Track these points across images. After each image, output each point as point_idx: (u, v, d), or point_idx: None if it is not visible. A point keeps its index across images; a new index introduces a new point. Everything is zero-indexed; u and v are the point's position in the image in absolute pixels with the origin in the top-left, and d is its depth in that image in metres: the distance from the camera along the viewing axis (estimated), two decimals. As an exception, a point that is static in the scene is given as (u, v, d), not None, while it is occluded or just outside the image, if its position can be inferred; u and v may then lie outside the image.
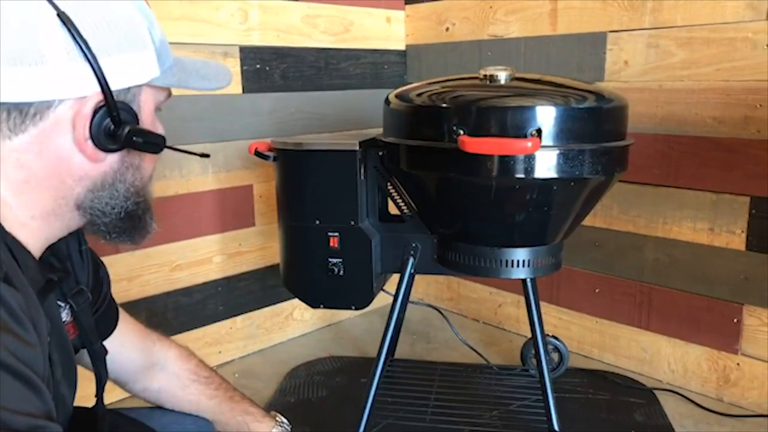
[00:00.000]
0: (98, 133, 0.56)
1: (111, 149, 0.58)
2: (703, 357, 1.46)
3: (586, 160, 0.99)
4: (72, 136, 0.56)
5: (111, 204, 0.60)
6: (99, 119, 0.56)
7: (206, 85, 0.66)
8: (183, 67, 0.64)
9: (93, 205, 0.60)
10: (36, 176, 0.56)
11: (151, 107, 0.62)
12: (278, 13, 1.63)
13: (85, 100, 0.55)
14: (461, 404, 1.37)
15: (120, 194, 0.61)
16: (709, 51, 1.34)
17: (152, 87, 0.61)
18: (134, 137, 0.59)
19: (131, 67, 0.58)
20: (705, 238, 1.41)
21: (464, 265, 1.15)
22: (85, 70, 0.54)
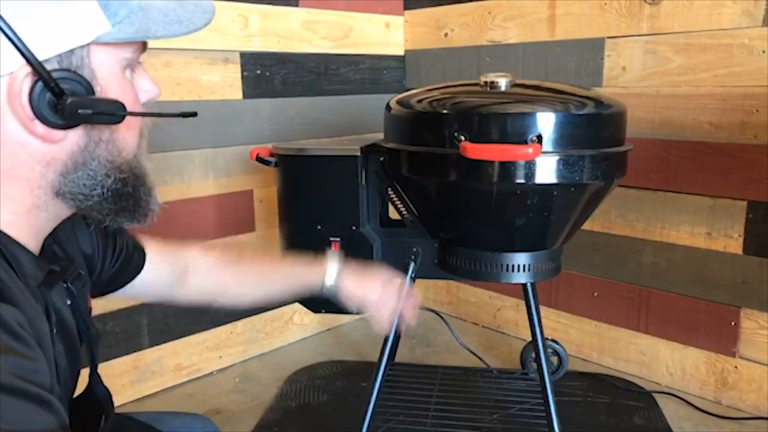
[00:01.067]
0: (42, 110, 0.50)
1: (63, 126, 0.52)
2: (701, 360, 1.47)
3: (585, 166, 1.00)
4: (16, 117, 0.50)
5: (90, 185, 0.55)
6: (38, 94, 0.50)
7: (176, 30, 0.56)
8: (148, 14, 0.54)
9: (72, 189, 0.55)
10: (0, 167, 0.51)
11: (114, 68, 0.55)
12: (278, 19, 1.64)
13: (14, 75, 0.49)
14: (462, 408, 1.38)
15: (97, 173, 0.55)
16: (706, 57, 1.36)
17: (108, 45, 0.53)
18: (79, 109, 0.51)
19: (64, 27, 0.50)
20: (703, 242, 1.42)
21: (465, 270, 1.16)
22: (2, 40, 0.47)
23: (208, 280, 0.91)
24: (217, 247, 0.96)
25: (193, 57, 1.47)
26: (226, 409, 1.46)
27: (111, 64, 0.54)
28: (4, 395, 0.40)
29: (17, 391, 0.41)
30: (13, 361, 0.43)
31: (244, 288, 0.94)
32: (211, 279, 0.91)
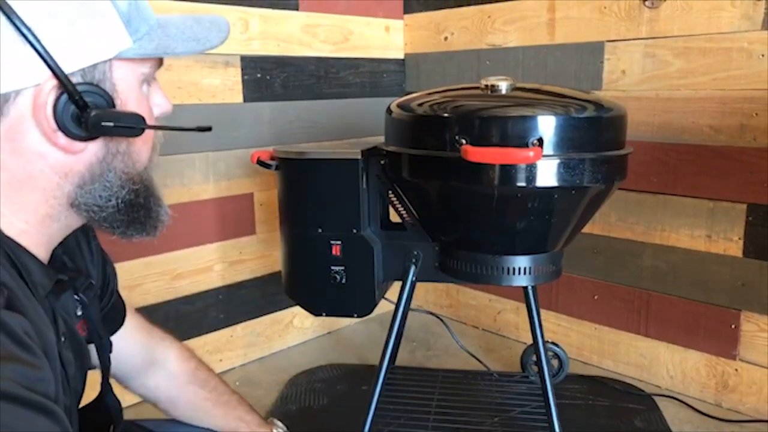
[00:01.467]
0: (65, 121, 0.51)
1: (85, 138, 0.53)
2: (701, 363, 1.47)
3: (586, 169, 1.00)
4: (39, 128, 0.51)
5: (105, 197, 0.56)
6: (63, 107, 0.51)
7: (194, 47, 0.58)
8: (166, 31, 0.56)
9: (87, 200, 0.55)
10: (17, 177, 0.52)
11: (133, 82, 0.56)
12: (278, 22, 1.64)
13: (40, 87, 0.50)
14: (463, 411, 1.38)
15: (113, 184, 0.56)
16: (706, 60, 1.36)
17: (128, 60, 0.54)
18: (102, 122, 0.52)
19: (89, 42, 0.51)
20: (702, 245, 1.43)
21: (465, 273, 1.16)
22: (30, 53, 0.48)
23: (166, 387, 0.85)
24: (194, 360, 0.89)
25: (193, 60, 1.47)
26: (226, 412, 1.46)
27: (130, 79, 0.55)
28: (7, 404, 0.40)
29: (20, 399, 0.41)
30: (17, 370, 0.43)
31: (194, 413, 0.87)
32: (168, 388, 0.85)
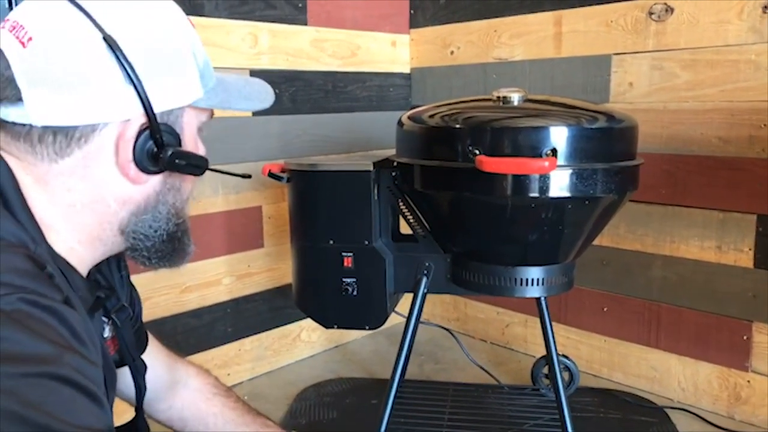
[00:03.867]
0: (141, 155, 0.57)
1: (153, 171, 0.59)
2: (713, 375, 1.47)
3: (599, 180, 1.01)
4: (115, 158, 0.56)
5: (154, 227, 0.61)
6: (142, 142, 0.56)
7: (248, 105, 0.66)
8: (226, 87, 0.64)
9: (136, 228, 0.60)
10: (81, 200, 0.57)
11: (194, 128, 0.63)
12: (287, 37, 1.65)
13: (129, 123, 0.56)
14: (475, 424, 1.36)
15: (162, 216, 0.61)
16: (713, 73, 1.37)
17: (195, 108, 0.61)
18: (177, 159, 0.58)
19: (175, 90, 0.58)
20: (713, 256, 1.42)
21: (478, 284, 1.16)
22: (129, 93, 0.55)
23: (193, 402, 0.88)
24: (212, 376, 0.94)
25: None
26: (235, 427, 1.45)
27: (193, 125, 0.62)
28: (68, 388, 0.43)
29: (79, 385, 0.44)
30: (78, 360, 0.46)
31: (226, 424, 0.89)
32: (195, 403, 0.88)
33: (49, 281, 0.50)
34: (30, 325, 0.44)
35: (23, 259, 0.50)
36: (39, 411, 0.40)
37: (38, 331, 0.45)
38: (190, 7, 1.44)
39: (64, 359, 0.44)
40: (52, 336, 0.45)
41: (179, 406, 0.87)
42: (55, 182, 0.56)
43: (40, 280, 0.49)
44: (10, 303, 0.45)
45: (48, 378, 0.42)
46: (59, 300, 0.49)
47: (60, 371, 0.43)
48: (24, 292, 0.46)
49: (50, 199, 0.56)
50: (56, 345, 0.45)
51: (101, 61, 0.53)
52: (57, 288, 0.50)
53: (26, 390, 0.41)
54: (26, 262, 0.49)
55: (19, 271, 0.48)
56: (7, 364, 0.41)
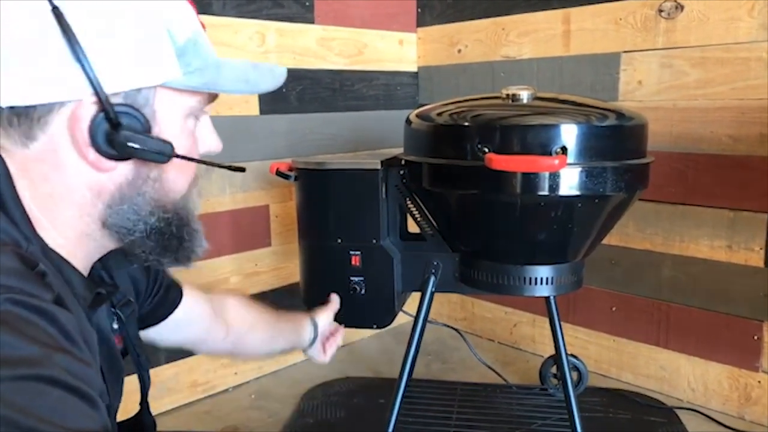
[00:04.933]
0: (98, 138, 0.53)
1: (114, 157, 0.54)
2: (723, 375, 1.45)
3: (609, 178, 1.00)
4: (71, 142, 0.53)
5: (133, 220, 0.57)
6: (98, 123, 0.52)
7: (239, 87, 0.60)
8: (221, 71, 0.58)
9: (116, 221, 0.57)
10: (58, 190, 0.55)
11: (176, 113, 0.57)
12: (294, 36, 1.65)
13: (81, 103, 0.52)
14: (483, 424, 1.36)
15: (141, 209, 0.57)
16: (723, 71, 1.36)
17: (175, 90, 0.56)
18: (130, 143, 0.53)
19: (136, 68, 0.53)
20: (723, 255, 1.41)
21: (486, 283, 1.15)
22: (78, 70, 0.51)
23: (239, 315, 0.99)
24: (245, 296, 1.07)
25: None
26: (244, 425, 1.45)
27: (173, 109, 0.57)
28: (58, 390, 0.42)
29: (70, 386, 0.43)
30: (68, 361, 0.44)
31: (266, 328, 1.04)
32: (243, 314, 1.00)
33: (39, 280, 0.49)
34: (17, 326, 0.43)
35: (11, 257, 0.48)
36: (26, 414, 0.39)
37: (25, 332, 0.43)
38: (197, 5, 1.43)
39: (53, 360, 0.43)
40: (41, 337, 0.44)
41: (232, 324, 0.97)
42: (33, 171, 0.54)
43: (29, 280, 0.48)
44: None
45: (36, 380, 0.41)
46: (49, 299, 0.47)
47: (48, 372, 0.42)
48: (11, 292, 0.45)
49: (32, 190, 0.54)
50: (44, 346, 0.44)
51: (48, 34, 0.50)
52: (47, 287, 0.49)
53: (13, 393, 0.40)
54: (14, 261, 0.48)
55: (6, 270, 0.47)
56: None
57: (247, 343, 1.02)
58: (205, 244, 0.64)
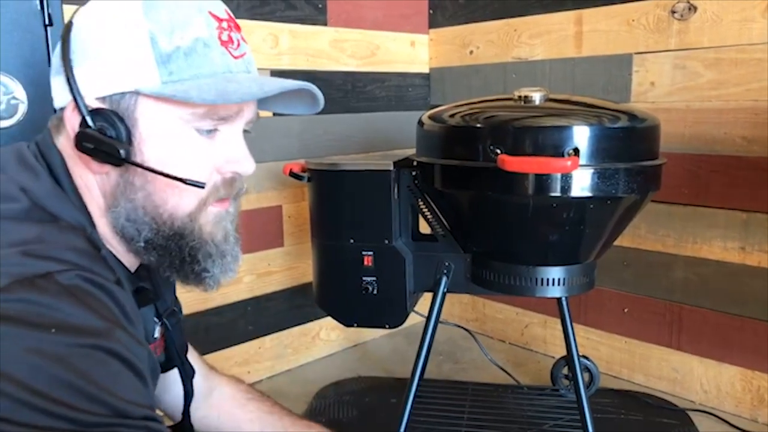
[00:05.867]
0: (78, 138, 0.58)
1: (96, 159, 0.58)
2: (736, 377, 1.45)
3: (621, 179, 1.00)
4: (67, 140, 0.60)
5: (131, 228, 0.59)
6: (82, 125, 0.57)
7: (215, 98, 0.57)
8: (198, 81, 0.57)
9: (118, 225, 0.59)
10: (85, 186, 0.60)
11: (166, 122, 0.58)
12: (307, 37, 1.67)
13: (69, 105, 0.58)
14: (495, 424, 1.36)
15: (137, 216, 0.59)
16: (737, 71, 1.36)
17: (158, 99, 0.57)
18: (84, 142, 0.57)
19: (113, 74, 0.56)
20: (736, 257, 1.41)
21: (498, 284, 1.16)
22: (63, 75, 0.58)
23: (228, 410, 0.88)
24: (243, 383, 0.95)
25: (225, 75, 1.50)
26: (256, 424, 1.46)
27: (160, 118, 0.57)
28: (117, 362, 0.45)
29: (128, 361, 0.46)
30: (127, 338, 0.48)
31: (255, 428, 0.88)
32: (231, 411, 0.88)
33: (103, 262, 0.53)
34: (85, 300, 0.47)
35: (82, 240, 0.53)
36: (87, 380, 0.42)
37: (93, 306, 0.47)
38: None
39: (115, 334, 0.47)
40: (105, 312, 0.48)
41: (215, 414, 0.86)
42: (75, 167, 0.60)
43: (96, 260, 0.52)
44: (69, 278, 0.48)
45: (100, 350, 0.45)
46: (112, 280, 0.52)
47: (110, 345, 0.45)
48: (82, 270, 0.49)
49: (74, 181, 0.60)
50: (108, 320, 0.47)
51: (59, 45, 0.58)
52: (111, 269, 0.53)
53: (78, 359, 0.43)
54: (85, 243, 0.53)
55: (78, 250, 0.51)
56: (62, 334, 0.44)
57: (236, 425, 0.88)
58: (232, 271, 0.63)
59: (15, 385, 0.40)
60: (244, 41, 0.62)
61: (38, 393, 0.40)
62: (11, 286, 0.45)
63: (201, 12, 0.58)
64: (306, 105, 0.66)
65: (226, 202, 0.63)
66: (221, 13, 0.60)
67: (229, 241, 0.63)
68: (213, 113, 0.59)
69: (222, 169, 0.62)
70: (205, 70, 0.57)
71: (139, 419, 0.44)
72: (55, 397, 0.41)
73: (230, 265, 0.63)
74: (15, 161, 0.57)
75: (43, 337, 0.43)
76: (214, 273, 0.62)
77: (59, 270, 0.48)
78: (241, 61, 0.60)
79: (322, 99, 0.66)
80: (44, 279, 0.46)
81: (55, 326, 0.44)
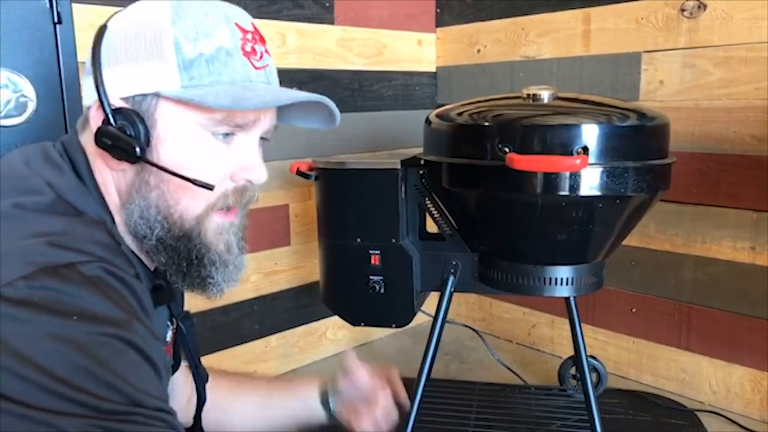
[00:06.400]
0: None
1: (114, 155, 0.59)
2: (746, 378, 1.44)
3: (630, 178, 0.99)
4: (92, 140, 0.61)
5: (144, 225, 0.60)
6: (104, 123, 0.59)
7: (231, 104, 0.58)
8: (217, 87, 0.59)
9: (131, 222, 0.61)
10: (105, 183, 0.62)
11: (184, 126, 0.60)
12: (314, 36, 1.66)
13: (95, 104, 0.60)
14: (502, 424, 1.36)
15: (150, 215, 0.60)
16: (747, 70, 1.34)
17: (178, 103, 0.59)
18: (103, 138, 0.58)
19: (135, 76, 0.59)
20: (746, 256, 1.40)
21: (506, 283, 1.15)
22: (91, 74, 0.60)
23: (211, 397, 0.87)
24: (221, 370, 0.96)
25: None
26: (262, 423, 1.46)
27: (179, 121, 0.59)
28: (135, 353, 0.47)
29: (144, 353, 0.47)
30: (144, 330, 0.50)
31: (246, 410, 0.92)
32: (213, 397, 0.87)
33: (124, 256, 0.55)
34: (106, 291, 0.48)
35: (104, 234, 0.55)
36: (106, 367, 0.43)
37: (113, 298, 0.48)
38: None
39: (134, 326, 0.48)
40: (124, 304, 0.49)
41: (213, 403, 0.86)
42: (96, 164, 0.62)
43: (117, 254, 0.54)
44: (92, 270, 0.49)
45: (119, 340, 0.46)
46: (132, 274, 0.53)
47: (129, 336, 0.47)
48: (104, 262, 0.50)
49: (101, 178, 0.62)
50: (127, 312, 0.49)
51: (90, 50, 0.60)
52: (130, 264, 0.55)
53: (98, 347, 0.44)
54: (107, 237, 0.55)
55: (100, 243, 0.53)
56: (83, 322, 0.45)
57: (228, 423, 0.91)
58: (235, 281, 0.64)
59: (35, 370, 0.41)
60: (267, 54, 0.65)
61: (58, 378, 0.41)
62: (35, 274, 0.46)
63: (228, 23, 0.61)
64: (323, 119, 0.69)
65: (232, 213, 0.64)
66: (247, 26, 0.64)
67: (233, 252, 0.65)
68: (230, 120, 0.61)
69: (235, 177, 0.63)
70: (225, 78, 0.59)
71: (153, 410, 0.45)
72: (75, 383, 0.42)
73: (233, 275, 0.64)
74: (41, 157, 0.60)
75: (65, 323, 0.44)
76: (218, 280, 0.63)
77: (82, 261, 0.49)
78: (263, 72, 0.63)
79: (338, 115, 0.67)
80: (68, 269, 0.48)
81: (76, 314, 0.45)
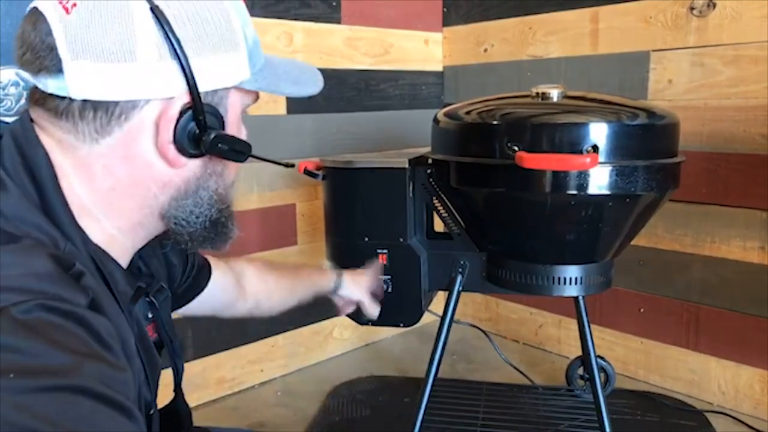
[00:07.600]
0: (182, 137, 0.53)
1: (193, 155, 0.55)
2: (755, 378, 1.43)
3: (640, 177, 0.99)
4: (155, 139, 0.53)
5: (195, 213, 0.57)
6: (184, 122, 0.53)
7: (297, 90, 0.63)
8: (274, 69, 0.60)
9: (177, 214, 0.57)
10: (121, 183, 0.54)
11: (238, 111, 0.59)
12: (322, 36, 1.66)
13: (172, 101, 0.52)
14: (509, 424, 1.35)
15: (204, 202, 0.58)
16: (757, 69, 1.34)
17: (240, 90, 0.57)
18: (219, 144, 0.55)
19: (221, 68, 0.54)
20: (756, 256, 1.39)
21: (514, 283, 1.15)
22: (174, 69, 0.51)
23: (258, 284, 0.99)
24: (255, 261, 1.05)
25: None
26: (270, 422, 1.46)
27: (237, 108, 0.59)
28: (89, 400, 0.40)
29: (103, 397, 0.41)
30: (100, 368, 0.43)
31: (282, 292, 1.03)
32: (261, 282, 1.00)
33: (73, 283, 0.47)
34: (47, 333, 0.42)
35: (45, 260, 0.47)
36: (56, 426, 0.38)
37: (56, 340, 0.42)
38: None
39: (85, 369, 0.42)
40: (72, 344, 0.43)
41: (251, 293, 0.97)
42: (96, 165, 0.53)
43: (62, 283, 0.46)
44: (27, 311, 0.42)
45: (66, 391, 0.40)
46: (83, 304, 0.46)
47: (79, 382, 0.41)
48: (43, 298, 0.43)
49: (91, 183, 0.53)
50: (76, 354, 0.42)
51: (147, 32, 0.50)
52: (83, 290, 0.47)
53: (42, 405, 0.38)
54: (48, 264, 0.47)
55: (38, 275, 0.46)
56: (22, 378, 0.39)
57: (266, 306, 1.04)
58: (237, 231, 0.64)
59: None
60: None
61: None
62: None
63: None
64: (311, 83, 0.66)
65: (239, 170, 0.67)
66: None
67: None
68: (256, 98, 0.62)
69: None
70: (261, 61, 0.59)
71: None
72: None
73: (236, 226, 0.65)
74: None
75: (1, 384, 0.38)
76: (233, 235, 0.63)
77: (15, 302, 0.42)
78: None
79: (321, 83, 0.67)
80: None
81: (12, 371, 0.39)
